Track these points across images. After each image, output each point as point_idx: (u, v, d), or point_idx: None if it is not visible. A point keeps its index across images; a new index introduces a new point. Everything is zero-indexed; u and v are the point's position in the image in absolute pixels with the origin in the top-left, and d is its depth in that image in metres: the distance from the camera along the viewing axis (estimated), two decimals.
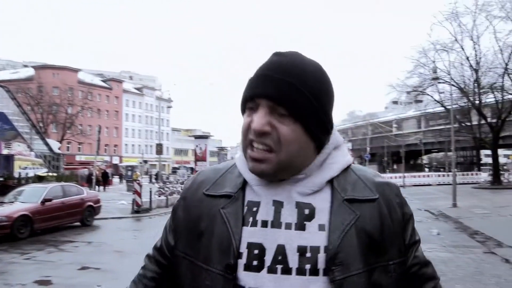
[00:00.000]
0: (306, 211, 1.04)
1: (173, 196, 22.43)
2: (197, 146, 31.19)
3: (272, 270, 1.00)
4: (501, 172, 36.69)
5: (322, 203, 1.05)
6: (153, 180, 45.71)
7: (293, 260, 0.99)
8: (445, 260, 8.24)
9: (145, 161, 66.73)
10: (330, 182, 1.08)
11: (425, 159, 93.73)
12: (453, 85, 30.22)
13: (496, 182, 33.07)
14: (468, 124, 36.70)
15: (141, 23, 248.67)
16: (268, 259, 1.01)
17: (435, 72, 26.68)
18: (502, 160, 43.24)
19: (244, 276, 1.01)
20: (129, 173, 36.99)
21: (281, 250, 1.01)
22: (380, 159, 76.85)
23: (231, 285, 1.01)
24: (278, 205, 1.05)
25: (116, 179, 46.97)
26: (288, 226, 1.02)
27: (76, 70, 69.77)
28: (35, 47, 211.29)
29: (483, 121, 34.69)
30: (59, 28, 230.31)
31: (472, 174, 43.48)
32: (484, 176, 40.00)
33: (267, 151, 1.02)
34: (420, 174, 45.60)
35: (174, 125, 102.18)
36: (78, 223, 14.29)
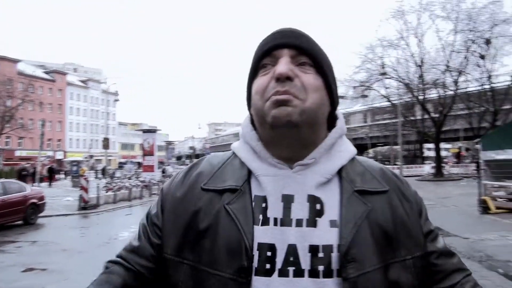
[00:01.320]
0: (318, 206, 0.95)
1: (121, 191, 21.93)
2: (144, 140, 30.69)
3: (283, 273, 0.90)
4: (442, 165, 38.27)
5: (332, 196, 0.97)
6: (99, 176, 44.54)
7: (305, 261, 0.90)
8: None
9: (91, 156, 64.78)
10: (338, 173, 1.00)
11: (371, 152, 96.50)
12: (399, 80, 31.18)
13: (438, 174, 34.52)
14: (412, 118, 38.04)
15: (86, 14, 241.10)
16: (279, 260, 0.90)
17: (383, 67, 27.48)
18: (442, 153, 45.02)
19: (254, 281, 0.90)
20: (75, 168, 35.69)
21: (292, 251, 0.91)
22: None
23: None
24: (288, 200, 0.95)
25: (60, 175, 45.38)
26: (299, 223, 0.93)
27: (15, 61, 66.21)
28: None
29: (426, 116, 36.08)
30: None
31: (416, 167, 45.08)
32: (427, 168, 41.56)
33: (292, 95, 0.95)
34: None
35: (121, 119, 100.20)
36: (20, 222, 13.54)
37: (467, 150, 52.52)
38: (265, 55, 1.00)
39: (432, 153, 64.71)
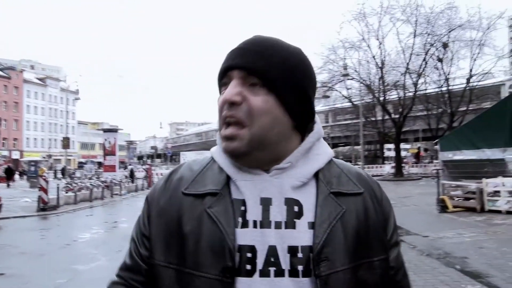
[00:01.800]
0: (295, 208, 0.97)
1: (82, 192, 21.48)
2: (106, 139, 30.17)
3: (264, 273, 0.93)
4: (402, 165, 39.23)
5: (309, 198, 0.99)
6: (59, 176, 43.38)
7: (285, 262, 0.93)
8: None
9: (49, 156, 63.05)
10: (315, 175, 1.03)
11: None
12: (361, 82, 31.76)
13: (398, 174, 35.36)
14: (373, 119, 38.80)
15: (43, 9, 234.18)
16: (260, 262, 0.93)
17: (345, 68, 27.88)
18: (402, 153, 46.15)
19: (236, 282, 0.92)
20: (32, 168, 34.65)
21: (272, 252, 0.94)
22: None
23: None
24: (266, 203, 0.97)
25: (16, 175, 43.95)
26: (278, 225, 0.96)
27: None
28: None
29: (386, 117, 36.88)
30: None
31: (376, 167, 46.00)
32: (388, 168, 42.48)
33: (238, 126, 0.96)
34: None
35: (81, 118, 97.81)
36: None
37: (425, 151, 54.04)
38: (223, 75, 1.02)
39: (392, 153, 66.17)
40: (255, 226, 0.96)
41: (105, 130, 32.81)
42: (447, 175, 16.32)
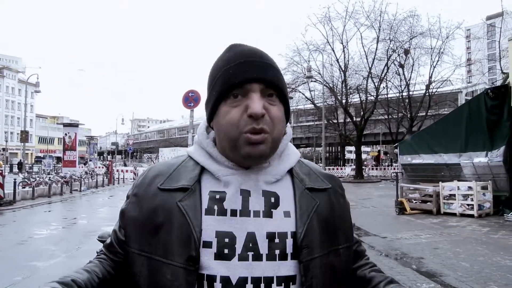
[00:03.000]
0: (272, 199, 1.09)
1: (40, 187, 20.89)
2: (66, 134, 29.48)
3: (243, 257, 1.03)
4: (363, 167, 39.98)
5: (285, 191, 1.12)
6: (15, 170, 42.04)
7: (263, 247, 1.04)
8: None
9: (4, 149, 60.98)
10: (289, 172, 1.17)
11: None
12: (324, 84, 32.14)
13: (359, 176, 36.02)
14: (335, 121, 39.37)
15: None
16: (239, 246, 1.03)
17: (309, 71, 28.16)
18: (363, 156, 47.02)
19: (215, 265, 1.02)
20: None
21: (251, 238, 1.04)
22: None
23: (194, 277, 1.02)
24: (245, 194, 1.09)
25: None
26: (256, 214, 1.07)
27: None
28: None
29: (348, 119, 37.49)
30: None
31: (337, 169, 46.70)
32: (348, 170, 43.19)
33: (263, 133, 1.05)
34: None
35: (39, 111, 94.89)
36: None
37: (385, 154, 55.25)
38: (235, 87, 1.06)
39: (352, 156, 67.39)
40: (234, 214, 1.06)
41: (65, 125, 32.08)
42: (405, 178, 16.80)
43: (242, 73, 1.06)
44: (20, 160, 44.12)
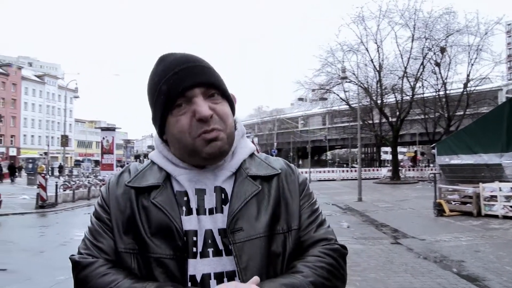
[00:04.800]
0: (222, 196, 1.13)
1: (80, 190, 21.46)
2: (103, 138, 30.14)
3: (204, 254, 1.08)
4: (399, 168, 39.30)
5: (231, 185, 1.16)
6: (56, 173, 43.27)
7: (220, 243, 1.08)
8: (358, 252, 8.65)
9: (45, 153, 62.88)
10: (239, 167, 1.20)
11: (328, 155, 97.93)
12: (359, 85, 31.76)
13: (395, 177, 35.40)
14: (370, 122, 38.82)
15: (41, 7, 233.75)
16: (200, 244, 1.08)
17: (343, 71, 27.86)
18: (399, 157, 46.23)
19: (187, 262, 1.07)
20: (30, 165, 34.59)
21: (209, 235, 1.09)
22: (286, 154, 78.89)
23: (185, 266, 1.05)
24: (200, 193, 1.13)
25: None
26: (211, 211, 1.11)
27: None
28: None
29: (384, 120, 36.89)
30: None
31: (373, 170, 46.09)
32: (384, 171, 42.53)
33: (217, 131, 1.10)
34: (325, 170, 47.33)
35: (78, 115, 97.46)
36: None
37: (422, 154, 54.15)
38: (176, 98, 1.09)
39: (388, 157, 66.46)
40: (197, 213, 1.11)
41: (103, 129, 32.77)
42: (444, 179, 16.43)
43: (180, 82, 1.09)
44: (60, 163, 45.43)
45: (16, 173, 36.48)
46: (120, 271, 1.08)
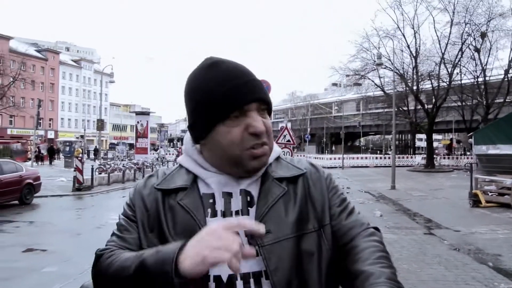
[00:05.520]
0: (248, 198, 1.15)
1: (115, 173, 21.94)
2: (138, 122, 30.62)
3: None
4: (434, 156, 38.59)
5: (257, 188, 1.17)
6: (91, 156, 44.33)
7: (247, 244, 1.06)
8: (390, 242, 8.58)
9: (82, 136, 64.44)
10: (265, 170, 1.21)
11: (362, 141, 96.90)
12: (395, 71, 31.19)
13: (429, 165, 34.79)
14: (405, 109, 38.16)
15: None
16: None
17: (379, 57, 27.34)
18: (434, 144, 45.35)
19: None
20: (67, 148, 35.55)
21: None
22: (319, 139, 78.49)
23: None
24: (227, 196, 1.14)
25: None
26: (237, 214, 1.13)
27: (7, 38, 65.02)
28: None
29: (419, 107, 36.19)
30: None
31: (407, 157, 45.42)
32: (418, 159, 41.85)
33: (265, 145, 1.13)
34: (358, 156, 46.86)
35: (112, 99, 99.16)
36: (16, 202, 13.62)
37: (458, 142, 52.88)
38: (235, 109, 1.10)
39: (423, 144, 65.16)
40: (223, 215, 1.12)
41: (138, 113, 33.36)
42: (480, 169, 16.05)
43: (241, 96, 1.10)
44: (96, 147, 46.45)
45: (55, 156, 37.65)
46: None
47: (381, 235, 1.19)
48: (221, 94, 1.10)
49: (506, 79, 31.88)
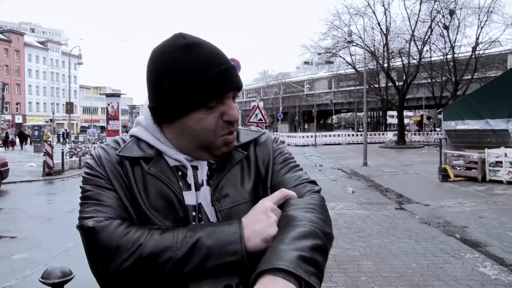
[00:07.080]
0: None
1: (86, 156, 21.58)
2: (108, 104, 30.00)
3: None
4: (405, 133, 39.22)
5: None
6: (62, 140, 43.49)
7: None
8: (362, 217, 8.73)
9: (51, 120, 63.02)
10: None
11: (334, 118, 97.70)
12: (366, 49, 31.36)
13: (401, 141, 35.41)
14: (377, 86, 38.55)
15: None
16: (197, 218, 1.08)
17: (350, 35, 27.44)
18: (405, 121, 46.06)
19: None
20: (36, 133, 34.75)
21: (200, 209, 1.09)
22: (292, 118, 78.80)
23: None
24: (195, 168, 1.13)
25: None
26: (202, 184, 1.12)
27: None
28: None
29: (390, 84, 36.61)
30: None
31: (379, 134, 46.01)
32: (390, 136, 42.46)
33: (235, 132, 1.16)
34: (331, 134, 47.18)
35: (82, 82, 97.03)
36: None
37: (428, 119, 53.82)
38: (214, 98, 1.06)
39: (394, 121, 66.11)
40: (196, 189, 1.10)
41: (108, 95, 32.59)
42: (449, 144, 16.40)
43: (225, 84, 1.08)
44: (66, 130, 45.54)
45: (26, 141, 36.85)
46: (141, 227, 1.01)
47: (319, 189, 1.16)
48: (203, 82, 1.04)
49: (473, 56, 32.47)
